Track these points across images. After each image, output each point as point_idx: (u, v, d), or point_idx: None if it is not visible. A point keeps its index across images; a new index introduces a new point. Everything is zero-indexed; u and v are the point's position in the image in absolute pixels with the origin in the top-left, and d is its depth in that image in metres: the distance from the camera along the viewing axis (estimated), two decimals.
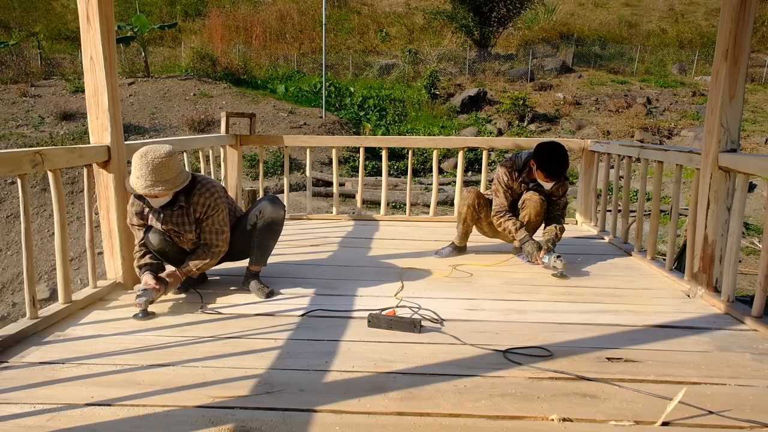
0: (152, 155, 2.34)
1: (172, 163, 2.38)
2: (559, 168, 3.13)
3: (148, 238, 2.56)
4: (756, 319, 2.37)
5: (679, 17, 25.22)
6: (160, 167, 2.34)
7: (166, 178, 2.36)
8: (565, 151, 3.17)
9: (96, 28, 2.52)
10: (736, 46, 2.53)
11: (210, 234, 2.59)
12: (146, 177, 2.33)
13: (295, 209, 7.09)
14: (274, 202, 2.78)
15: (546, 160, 3.13)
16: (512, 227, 3.27)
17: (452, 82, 18.86)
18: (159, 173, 2.34)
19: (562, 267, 3.06)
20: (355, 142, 5.03)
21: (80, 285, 6.86)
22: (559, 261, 3.07)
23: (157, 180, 2.34)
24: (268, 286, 2.74)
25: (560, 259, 3.08)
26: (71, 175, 9.43)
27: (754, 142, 13.87)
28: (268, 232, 2.78)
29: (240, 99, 15.30)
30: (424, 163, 12.58)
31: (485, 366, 1.95)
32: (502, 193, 3.33)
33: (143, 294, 2.38)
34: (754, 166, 2.45)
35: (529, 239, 3.23)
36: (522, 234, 3.24)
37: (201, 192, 2.53)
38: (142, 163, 2.33)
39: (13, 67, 15.82)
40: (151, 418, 1.60)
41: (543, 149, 3.17)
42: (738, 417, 1.63)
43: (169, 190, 2.39)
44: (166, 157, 2.36)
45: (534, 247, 3.19)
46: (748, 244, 8.06)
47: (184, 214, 2.54)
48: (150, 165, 2.33)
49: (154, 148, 2.39)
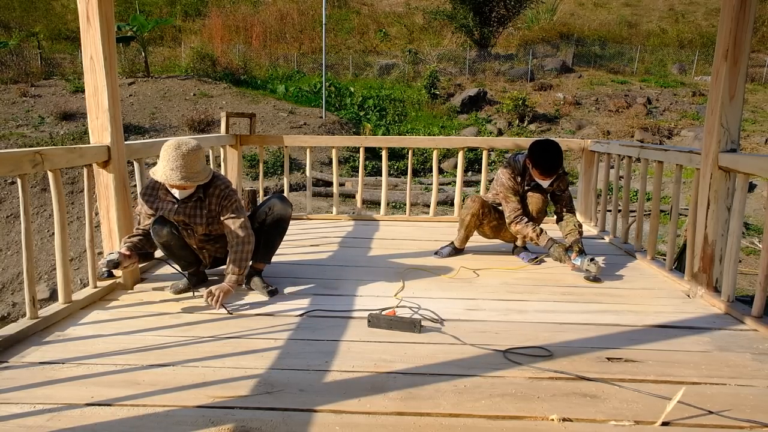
0: (186, 148, 2.41)
1: (201, 156, 2.50)
2: (553, 164, 3.12)
3: (155, 228, 2.57)
4: (756, 319, 2.37)
5: (679, 17, 25.22)
6: (194, 160, 2.43)
7: (197, 170, 2.46)
8: (557, 147, 3.16)
9: (96, 28, 2.52)
10: (736, 46, 2.53)
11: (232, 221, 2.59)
12: (180, 169, 2.40)
13: (295, 209, 7.07)
14: (282, 200, 2.83)
15: (539, 157, 3.13)
16: (533, 234, 3.20)
17: (452, 82, 18.86)
18: (191, 165, 2.43)
19: (597, 270, 2.97)
20: (355, 142, 5.03)
21: (80, 285, 6.86)
22: (593, 264, 2.98)
23: (190, 172, 2.43)
24: (272, 284, 2.74)
25: (594, 262, 2.98)
26: (71, 175, 9.43)
27: (754, 142, 13.87)
28: (276, 229, 2.81)
29: (240, 99, 15.30)
30: (424, 163, 12.58)
31: (485, 366, 1.95)
32: (513, 198, 3.28)
33: (110, 255, 2.47)
34: (754, 166, 2.45)
35: (554, 243, 3.18)
36: (545, 239, 3.19)
37: (217, 184, 2.61)
38: (177, 155, 2.39)
39: (13, 67, 15.82)
40: (151, 418, 1.60)
41: (535, 147, 3.18)
42: (738, 417, 1.63)
43: (198, 182, 2.48)
44: (197, 150, 2.46)
45: (562, 252, 3.14)
46: (748, 244, 8.06)
47: (197, 207, 2.59)
48: (185, 157, 2.40)
49: (185, 140, 2.46)
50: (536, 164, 3.14)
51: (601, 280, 3.01)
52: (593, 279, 3.01)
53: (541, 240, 3.19)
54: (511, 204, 3.28)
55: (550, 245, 3.19)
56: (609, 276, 3.13)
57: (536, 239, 3.20)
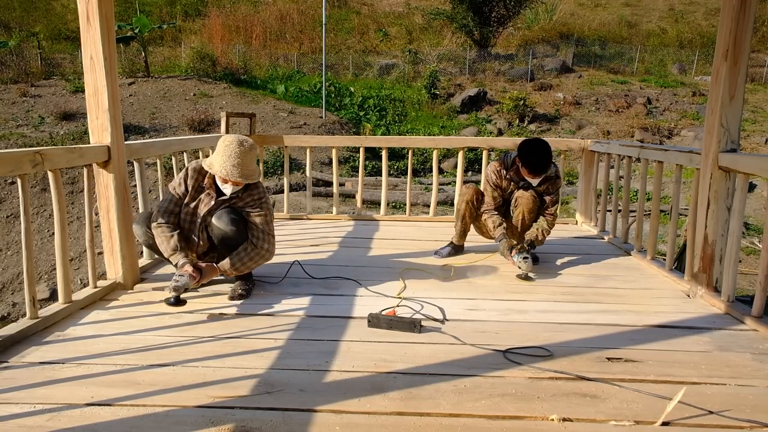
0: (247, 145, 2.49)
1: (256, 155, 2.59)
2: (541, 163, 3.12)
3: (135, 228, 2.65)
4: (756, 319, 2.37)
5: (679, 17, 25.21)
6: (252, 158, 2.53)
7: (253, 168, 2.55)
8: (546, 146, 3.16)
9: (96, 28, 2.52)
10: (736, 46, 2.53)
11: (257, 230, 2.62)
12: (242, 166, 2.46)
13: (295, 209, 7.09)
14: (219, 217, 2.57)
15: (528, 156, 3.14)
16: (491, 225, 3.30)
17: (452, 82, 18.86)
18: (250, 163, 2.51)
19: (526, 268, 3.00)
20: (355, 142, 5.03)
21: (80, 285, 6.86)
22: (523, 262, 3.00)
23: (248, 169, 2.50)
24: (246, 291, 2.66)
25: (525, 261, 3.00)
26: (71, 175, 9.43)
27: (754, 142, 13.88)
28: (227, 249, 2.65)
29: (240, 99, 15.30)
30: (424, 163, 12.58)
31: (485, 366, 1.95)
32: (490, 192, 3.36)
33: (180, 280, 2.35)
34: (754, 166, 2.45)
35: (504, 238, 3.23)
36: (498, 232, 3.27)
37: (255, 185, 2.65)
38: (240, 152, 2.45)
39: (13, 67, 15.82)
40: (151, 418, 1.60)
41: (525, 146, 3.18)
42: (738, 417, 1.63)
43: (252, 180, 2.55)
44: (255, 149, 2.55)
45: (506, 246, 3.19)
46: (748, 244, 8.06)
47: (229, 205, 2.61)
48: (247, 154, 2.48)
49: (245, 138, 2.53)
50: (525, 162, 3.15)
51: (533, 279, 3.03)
52: (524, 277, 3.02)
53: (496, 232, 3.27)
54: (487, 198, 3.37)
55: (500, 239, 3.25)
56: (609, 276, 3.13)
57: (492, 231, 3.30)
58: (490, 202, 3.36)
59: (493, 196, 3.35)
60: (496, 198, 3.36)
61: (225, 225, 2.54)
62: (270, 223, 2.66)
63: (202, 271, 2.49)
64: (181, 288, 2.34)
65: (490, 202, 3.36)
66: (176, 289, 2.33)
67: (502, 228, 3.28)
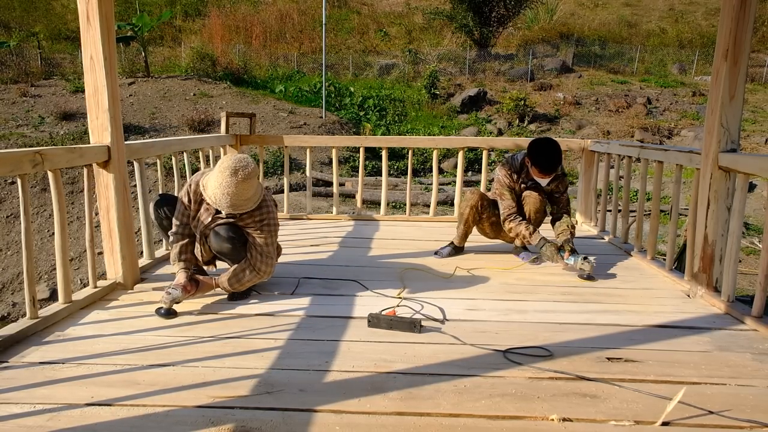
0: (242, 175, 2.31)
1: (255, 182, 2.41)
2: (551, 162, 3.13)
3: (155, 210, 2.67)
4: (756, 319, 2.37)
5: (679, 17, 25.21)
6: (247, 188, 2.36)
7: (248, 197, 2.40)
8: (556, 145, 3.17)
9: (96, 27, 2.52)
10: (736, 46, 2.53)
11: (255, 252, 2.54)
12: (233, 196, 2.33)
13: (295, 209, 7.08)
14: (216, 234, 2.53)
15: (538, 155, 3.14)
16: (526, 232, 3.22)
17: (452, 82, 18.86)
18: (244, 193, 2.36)
19: (590, 269, 2.99)
20: (355, 142, 5.03)
21: (80, 285, 6.87)
22: (586, 263, 2.99)
23: (241, 200, 2.37)
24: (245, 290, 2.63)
25: (587, 261, 3.00)
26: (71, 175, 9.43)
27: (754, 142, 13.87)
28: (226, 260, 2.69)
29: (240, 99, 15.30)
30: (424, 163, 12.57)
31: (485, 366, 1.95)
32: (508, 195, 3.31)
33: (173, 293, 2.38)
34: (754, 166, 2.45)
35: (546, 242, 3.19)
36: (537, 238, 3.21)
37: (262, 211, 2.52)
38: (232, 182, 2.31)
39: (13, 67, 15.82)
40: (151, 418, 1.60)
41: (535, 145, 3.19)
42: (738, 417, 1.63)
43: (245, 210, 2.43)
44: (253, 177, 2.36)
45: (554, 251, 3.15)
46: (748, 244, 8.06)
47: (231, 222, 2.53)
48: (239, 185, 2.32)
49: (243, 164, 2.33)
50: (535, 162, 3.15)
51: (595, 279, 3.03)
52: (587, 277, 3.02)
53: (534, 238, 3.21)
54: (506, 201, 3.31)
55: (542, 244, 3.20)
56: (609, 276, 3.13)
57: (528, 238, 3.23)
58: (511, 205, 3.29)
59: (512, 198, 3.31)
60: (514, 200, 3.31)
61: (221, 241, 2.50)
62: (272, 245, 2.58)
63: (199, 284, 2.52)
64: (170, 301, 2.38)
65: (510, 205, 3.29)
66: (166, 301, 2.37)
67: (539, 233, 3.23)
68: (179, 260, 2.60)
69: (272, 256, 2.60)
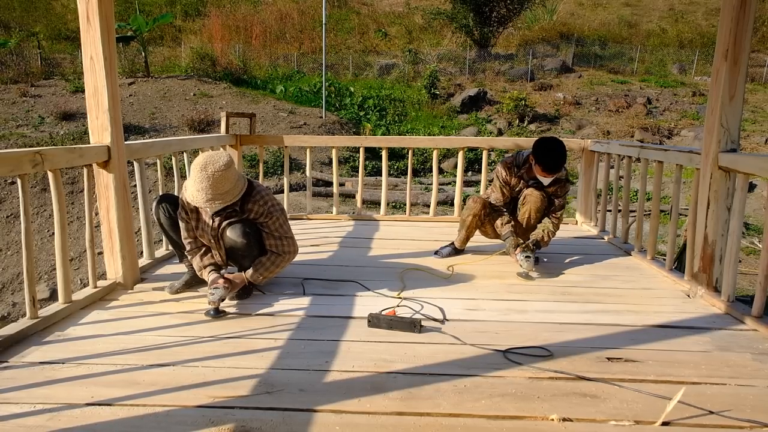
0: (212, 169, 2.34)
1: (230, 175, 2.41)
2: (556, 161, 3.13)
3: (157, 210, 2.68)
4: (756, 319, 2.37)
5: (679, 17, 25.21)
6: (220, 180, 2.37)
7: (225, 190, 2.40)
8: (562, 145, 3.17)
9: (96, 28, 2.52)
10: (736, 46, 2.53)
11: (273, 239, 2.61)
12: (206, 190, 2.36)
13: (295, 209, 7.08)
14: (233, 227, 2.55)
15: (543, 154, 3.14)
16: (499, 221, 3.33)
17: (452, 82, 18.86)
18: (219, 186, 2.37)
19: (527, 267, 3.03)
20: (355, 142, 5.02)
21: (80, 285, 6.87)
22: (525, 260, 3.03)
23: (217, 193, 2.38)
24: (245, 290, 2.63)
25: (528, 259, 3.04)
26: (71, 175, 9.43)
27: (754, 142, 13.87)
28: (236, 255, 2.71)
29: (240, 99, 15.29)
30: (424, 163, 12.57)
31: (485, 366, 1.95)
32: (499, 188, 3.37)
33: (215, 292, 2.39)
34: (754, 166, 2.45)
35: (511, 236, 3.25)
36: (506, 230, 3.29)
37: (255, 200, 2.56)
38: (202, 177, 2.34)
39: (13, 67, 15.81)
40: (151, 418, 1.60)
41: (540, 143, 3.20)
42: (738, 417, 1.63)
43: (226, 202, 2.43)
44: (224, 170, 2.37)
45: (512, 244, 3.22)
46: (748, 244, 8.05)
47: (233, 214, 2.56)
48: (210, 179, 2.34)
49: (213, 159, 2.38)
50: (539, 160, 3.15)
51: (533, 278, 3.05)
52: (524, 276, 3.04)
53: (504, 230, 3.30)
54: (496, 194, 3.39)
55: (506, 237, 3.27)
56: (609, 276, 3.13)
57: (500, 228, 3.32)
58: (498, 198, 3.38)
59: (502, 192, 3.36)
60: (505, 194, 3.37)
61: (237, 236, 2.52)
62: (284, 224, 2.64)
63: (232, 282, 2.52)
64: (217, 300, 2.40)
65: (497, 198, 3.38)
66: (213, 302, 2.39)
67: (510, 226, 3.30)
68: (205, 267, 2.62)
69: (291, 236, 2.66)
